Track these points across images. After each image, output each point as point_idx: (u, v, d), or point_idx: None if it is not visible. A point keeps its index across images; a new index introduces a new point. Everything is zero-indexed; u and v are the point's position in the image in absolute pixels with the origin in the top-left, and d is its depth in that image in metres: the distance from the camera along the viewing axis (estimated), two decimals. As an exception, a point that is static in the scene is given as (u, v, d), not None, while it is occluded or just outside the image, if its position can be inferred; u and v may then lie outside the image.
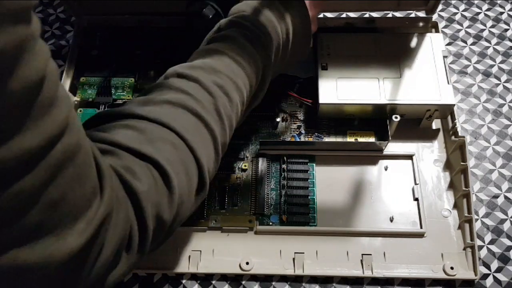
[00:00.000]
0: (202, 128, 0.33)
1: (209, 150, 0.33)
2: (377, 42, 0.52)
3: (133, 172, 0.27)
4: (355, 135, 0.50)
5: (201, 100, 0.33)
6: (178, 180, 0.30)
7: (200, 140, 0.32)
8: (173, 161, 0.30)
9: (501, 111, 0.54)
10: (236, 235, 0.46)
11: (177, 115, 0.32)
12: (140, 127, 0.30)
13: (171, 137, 0.31)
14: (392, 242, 0.46)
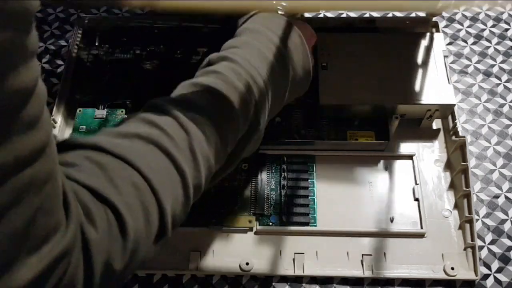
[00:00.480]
0: (171, 169, 0.30)
1: (176, 193, 0.31)
2: (377, 42, 0.51)
3: (89, 213, 0.26)
4: (355, 135, 0.50)
5: (174, 137, 0.31)
6: (135, 226, 0.27)
7: (167, 182, 0.30)
8: (132, 204, 0.28)
9: (501, 111, 0.54)
10: (236, 235, 0.46)
11: (145, 153, 0.30)
12: (102, 162, 0.28)
13: (133, 177, 0.28)
14: (392, 242, 0.45)
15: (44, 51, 0.60)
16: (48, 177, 0.21)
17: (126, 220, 0.27)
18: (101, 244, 0.26)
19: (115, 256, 0.26)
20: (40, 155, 0.20)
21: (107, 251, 0.26)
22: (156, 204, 0.29)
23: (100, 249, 0.26)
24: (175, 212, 0.31)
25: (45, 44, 0.61)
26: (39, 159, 0.20)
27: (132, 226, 0.27)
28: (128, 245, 0.27)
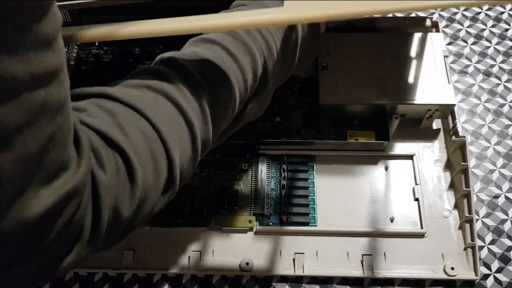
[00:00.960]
0: (181, 120, 0.30)
1: (185, 145, 0.30)
2: (377, 42, 0.51)
3: (98, 156, 0.25)
4: (355, 135, 0.50)
5: (183, 90, 0.31)
6: (144, 173, 0.27)
7: (175, 133, 0.30)
8: (141, 152, 0.27)
9: (501, 111, 0.54)
10: (236, 235, 0.46)
11: (155, 102, 0.29)
12: (111, 109, 0.28)
13: (143, 125, 0.28)
14: (392, 242, 0.45)
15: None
16: (61, 106, 0.21)
17: (135, 166, 0.27)
18: (110, 187, 0.25)
19: (124, 201, 0.26)
20: (54, 78, 0.20)
21: (116, 195, 0.26)
22: (165, 154, 0.29)
23: (109, 193, 0.25)
24: (183, 165, 0.31)
25: (45, 44, 0.60)
26: (53, 82, 0.20)
27: (141, 173, 0.27)
28: (136, 192, 0.27)
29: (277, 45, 0.37)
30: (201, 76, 0.32)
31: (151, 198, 0.28)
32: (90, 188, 0.24)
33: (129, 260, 0.45)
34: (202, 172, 0.49)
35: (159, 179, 0.29)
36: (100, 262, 0.45)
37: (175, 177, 0.30)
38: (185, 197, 0.47)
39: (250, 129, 0.51)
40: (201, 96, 0.31)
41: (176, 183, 0.30)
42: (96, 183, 0.25)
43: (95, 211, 0.25)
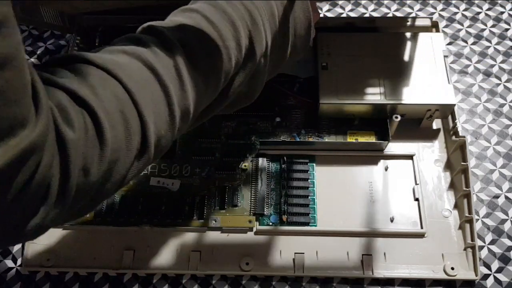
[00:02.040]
0: (155, 84, 0.29)
1: (159, 109, 0.30)
2: (377, 42, 0.51)
3: (66, 114, 0.25)
4: (355, 135, 0.50)
5: (159, 54, 0.30)
6: (114, 134, 0.27)
7: (149, 96, 0.29)
8: (112, 112, 0.27)
9: (501, 111, 0.54)
10: (236, 235, 0.46)
11: (128, 66, 0.29)
12: (83, 71, 0.27)
13: (114, 87, 0.28)
14: (392, 242, 0.45)
15: (44, 51, 0.60)
16: (6, 61, 0.20)
17: (104, 125, 0.26)
18: (79, 146, 0.25)
19: (93, 162, 0.26)
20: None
21: (84, 155, 0.25)
22: (137, 116, 0.28)
23: (78, 151, 0.25)
24: (160, 130, 0.30)
25: (45, 44, 0.61)
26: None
27: (111, 133, 0.26)
28: (106, 152, 0.26)
29: (263, 18, 0.36)
30: (178, 41, 0.31)
31: (122, 161, 0.28)
32: (54, 146, 0.24)
33: (129, 260, 0.45)
34: (202, 172, 0.49)
35: (131, 141, 0.28)
36: (100, 262, 0.45)
37: (148, 140, 0.29)
38: (185, 197, 0.47)
39: (250, 129, 0.51)
40: (178, 61, 0.31)
41: (150, 147, 0.29)
42: (64, 141, 0.24)
43: (63, 169, 0.24)
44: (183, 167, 0.49)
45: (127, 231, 0.46)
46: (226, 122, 0.52)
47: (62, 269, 0.45)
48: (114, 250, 0.46)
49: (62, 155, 0.24)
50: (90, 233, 0.46)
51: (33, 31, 0.61)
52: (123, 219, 0.46)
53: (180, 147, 0.50)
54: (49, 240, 0.46)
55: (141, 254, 0.45)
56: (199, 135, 0.51)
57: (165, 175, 0.49)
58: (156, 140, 0.30)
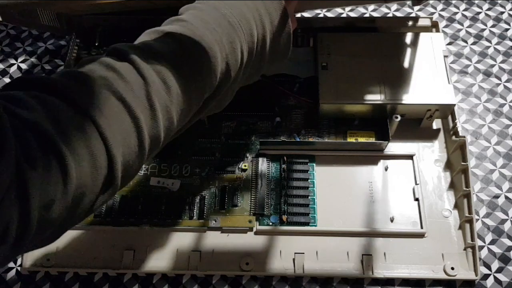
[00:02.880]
0: (125, 115, 0.28)
1: (130, 141, 0.29)
2: (377, 42, 0.51)
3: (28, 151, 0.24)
4: (355, 135, 0.50)
5: (130, 82, 0.29)
6: (79, 170, 0.26)
7: (118, 129, 0.28)
8: (77, 148, 0.26)
9: (501, 111, 0.54)
10: (236, 235, 0.46)
11: (97, 97, 0.28)
12: (50, 103, 0.26)
13: (81, 120, 0.27)
14: (392, 242, 0.45)
15: (44, 51, 0.60)
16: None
17: (69, 163, 0.25)
18: (40, 185, 0.24)
19: (55, 199, 0.25)
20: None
21: (46, 193, 0.24)
22: (105, 151, 0.27)
23: (39, 191, 0.24)
24: (128, 161, 0.29)
25: (45, 44, 0.61)
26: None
27: (76, 171, 0.26)
28: (69, 189, 0.25)
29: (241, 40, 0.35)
30: (152, 69, 0.30)
31: (87, 196, 0.27)
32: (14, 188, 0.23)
33: (129, 260, 0.45)
34: (202, 172, 0.49)
35: (98, 176, 0.27)
36: (100, 262, 0.45)
37: (115, 175, 0.28)
38: (185, 197, 0.47)
39: (250, 129, 0.51)
40: (149, 90, 0.30)
41: (116, 181, 0.29)
42: (24, 181, 0.23)
43: (22, 210, 0.23)
44: (183, 167, 0.49)
45: (127, 231, 0.46)
46: (226, 122, 0.52)
47: (62, 269, 0.45)
48: (114, 250, 0.46)
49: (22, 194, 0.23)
50: (90, 233, 0.46)
51: (33, 31, 0.61)
52: (123, 219, 0.46)
53: (180, 147, 0.50)
54: (49, 240, 0.46)
55: (141, 254, 0.45)
56: (199, 135, 0.51)
57: (165, 175, 0.49)
58: (124, 171, 0.29)
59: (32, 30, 0.61)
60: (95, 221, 0.46)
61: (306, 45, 0.56)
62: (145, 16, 0.57)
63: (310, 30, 0.55)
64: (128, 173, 0.30)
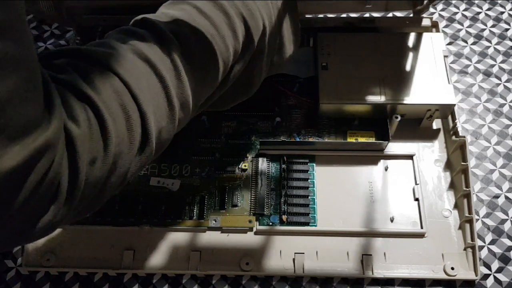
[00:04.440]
0: (151, 75, 0.30)
1: (158, 100, 0.30)
2: (377, 42, 0.51)
3: (71, 110, 0.25)
4: (355, 135, 0.50)
5: (153, 46, 0.30)
6: (116, 127, 0.27)
7: (147, 88, 0.29)
8: (112, 106, 0.27)
9: (501, 111, 0.54)
10: (236, 235, 0.46)
11: (124, 59, 0.29)
12: (81, 66, 0.28)
13: (113, 81, 0.28)
14: (392, 242, 0.45)
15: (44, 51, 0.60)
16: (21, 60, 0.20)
17: (107, 119, 0.26)
18: (85, 142, 0.25)
19: (98, 156, 0.26)
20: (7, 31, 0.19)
21: (90, 150, 0.25)
22: (137, 108, 0.28)
23: (84, 146, 0.25)
24: (160, 122, 0.30)
25: (45, 44, 0.61)
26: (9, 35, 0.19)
27: (113, 127, 0.27)
28: (110, 145, 0.26)
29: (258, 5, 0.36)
30: (172, 33, 0.31)
31: (125, 154, 0.28)
32: (64, 144, 0.24)
33: (129, 260, 0.45)
34: (202, 172, 0.49)
35: (133, 134, 0.28)
36: (100, 262, 0.45)
37: (150, 132, 0.29)
38: (185, 197, 0.47)
39: (250, 129, 0.51)
40: (173, 52, 0.31)
41: (151, 139, 0.29)
42: (71, 138, 0.24)
43: (71, 166, 0.24)
44: (183, 167, 0.49)
45: (127, 231, 0.46)
46: (226, 122, 0.52)
47: (62, 269, 0.45)
48: (114, 250, 0.46)
49: (70, 151, 0.24)
50: (90, 233, 0.46)
51: (33, 31, 0.61)
52: (123, 219, 0.46)
53: (180, 147, 0.50)
54: (49, 240, 0.46)
55: (141, 254, 0.45)
56: (199, 135, 0.51)
57: (165, 175, 0.49)
58: (157, 132, 0.30)
59: (32, 30, 0.61)
60: (95, 221, 0.46)
61: (306, 45, 0.56)
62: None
63: (310, 30, 0.55)
64: (162, 136, 0.31)
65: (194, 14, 0.33)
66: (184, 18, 0.33)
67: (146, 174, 0.49)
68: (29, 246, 0.46)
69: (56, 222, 0.25)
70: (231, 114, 0.52)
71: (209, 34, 0.33)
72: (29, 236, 0.25)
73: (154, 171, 0.49)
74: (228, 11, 0.34)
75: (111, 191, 0.29)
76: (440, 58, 0.50)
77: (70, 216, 0.26)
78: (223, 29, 0.34)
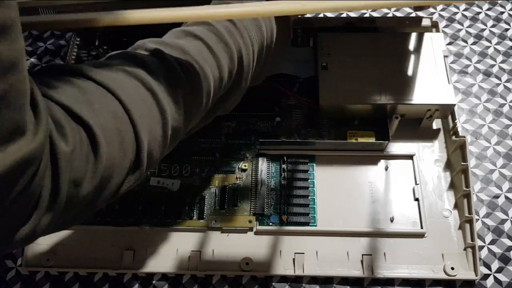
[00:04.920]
0: (153, 105, 0.30)
1: (155, 129, 0.30)
2: (377, 42, 0.51)
3: (61, 128, 0.25)
4: (355, 135, 0.50)
5: (160, 78, 0.31)
6: (109, 150, 0.27)
7: (146, 116, 0.29)
8: (108, 129, 0.27)
9: (501, 111, 0.54)
10: (236, 235, 0.46)
11: (128, 85, 0.29)
12: (82, 86, 0.27)
13: (113, 105, 0.28)
14: (392, 242, 0.45)
15: (44, 51, 0.60)
16: (12, 65, 0.20)
17: (100, 141, 0.26)
18: (71, 159, 0.25)
19: (86, 176, 0.26)
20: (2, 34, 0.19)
21: (78, 168, 0.25)
22: (133, 135, 0.28)
23: (70, 165, 0.25)
24: (152, 150, 0.30)
25: (45, 44, 0.61)
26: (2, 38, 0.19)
27: (106, 150, 0.26)
28: (99, 167, 0.26)
29: (253, 44, 0.37)
30: (181, 68, 0.32)
31: (115, 177, 0.28)
32: (48, 157, 0.24)
33: (129, 260, 0.45)
34: (202, 172, 0.49)
35: (125, 159, 0.28)
36: (100, 262, 0.45)
37: (142, 159, 0.29)
38: (185, 197, 0.47)
39: (250, 129, 0.51)
40: (177, 87, 0.31)
41: (143, 165, 0.30)
42: (56, 153, 0.24)
43: (54, 181, 0.24)
44: (183, 167, 0.49)
45: (127, 231, 0.46)
46: (226, 122, 0.52)
47: (62, 269, 0.45)
48: (114, 250, 0.46)
49: (54, 166, 0.24)
50: (90, 233, 0.46)
51: (33, 31, 0.61)
52: (123, 219, 0.46)
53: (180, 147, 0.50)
54: (49, 240, 0.46)
55: (141, 254, 0.45)
56: (199, 135, 0.51)
57: (165, 175, 0.49)
58: (149, 157, 0.30)
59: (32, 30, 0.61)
60: (95, 221, 0.46)
61: (306, 45, 0.56)
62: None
63: (310, 30, 0.55)
64: (151, 161, 0.31)
65: (204, 51, 0.34)
66: (195, 54, 0.33)
67: (146, 174, 0.49)
68: (29, 246, 0.46)
69: (36, 232, 0.25)
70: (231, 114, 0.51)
71: (212, 76, 0.34)
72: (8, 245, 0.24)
73: (154, 171, 0.49)
74: (233, 54, 0.35)
75: (96, 207, 0.29)
76: (440, 58, 0.50)
77: (51, 227, 0.26)
78: (225, 72, 0.35)
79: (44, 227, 0.25)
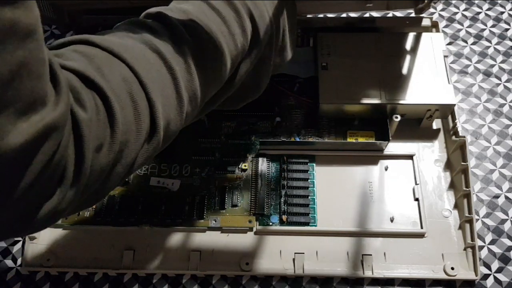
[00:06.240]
0: (161, 66, 0.30)
1: (167, 91, 0.30)
2: (377, 42, 0.51)
3: (78, 95, 0.25)
4: (355, 135, 0.50)
5: (166, 40, 0.30)
6: (124, 115, 0.26)
7: (156, 78, 0.29)
8: (120, 94, 0.27)
9: (501, 111, 0.54)
10: (236, 235, 0.46)
11: (134, 48, 0.29)
12: (90, 53, 0.27)
13: (121, 69, 0.28)
14: (392, 242, 0.45)
15: (44, 51, 0.60)
16: (30, 32, 0.20)
17: (114, 107, 0.26)
18: (91, 126, 0.25)
19: (104, 143, 0.25)
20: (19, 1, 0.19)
21: (96, 136, 0.25)
22: (146, 98, 0.28)
23: (91, 132, 0.25)
24: (168, 114, 0.30)
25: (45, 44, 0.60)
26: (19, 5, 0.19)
27: (121, 115, 0.26)
28: (116, 133, 0.26)
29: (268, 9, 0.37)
30: (184, 28, 0.32)
31: (132, 143, 0.28)
32: (70, 127, 0.23)
33: (129, 260, 0.45)
34: (202, 172, 0.49)
35: (140, 123, 0.28)
36: (100, 262, 0.45)
37: (157, 123, 0.29)
38: (185, 197, 0.47)
39: (250, 129, 0.51)
40: (184, 46, 0.31)
41: (159, 130, 0.29)
42: (77, 122, 0.24)
43: (77, 150, 0.24)
44: (183, 167, 0.49)
45: (127, 231, 0.46)
46: (226, 122, 0.52)
47: (62, 269, 0.45)
48: (114, 250, 0.46)
49: (77, 135, 0.24)
50: (90, 233, 0.46)
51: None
52: (123, 219, 0.46)
53: (180, 147, 0.50)
54: (49, 240, 0.46)
55: (141, 254, 0.45)
56: (199, 135, 0.51)
57: (165, 175, 0.49)
58: (165, 124, 0.30)
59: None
60: (95, 221, 0.46)
61: (306, 45, 0.56)
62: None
63: (310, 30, 0.55)
64: (169, 128, 0.31)
65: (207, 10, 0.33)
66: (197, 13, 0.33)
67: (146, 174, 0.49)
68: (29, 246, 0.46)
69: (60, 209, 0.24)
70: (231, 114, 0.52)
71: (220, 31, 0.33)
72: (31, 224, 0.24)
73: (154, 171, 0.49)
74: (238, 9, 0.34)
75: (116, 180, 0.29)
76: (440, 58, 0.50)
77: (74, 204, 0.26)
78: (233, 26, 0.34)
79: (67, 202, 0.25)
